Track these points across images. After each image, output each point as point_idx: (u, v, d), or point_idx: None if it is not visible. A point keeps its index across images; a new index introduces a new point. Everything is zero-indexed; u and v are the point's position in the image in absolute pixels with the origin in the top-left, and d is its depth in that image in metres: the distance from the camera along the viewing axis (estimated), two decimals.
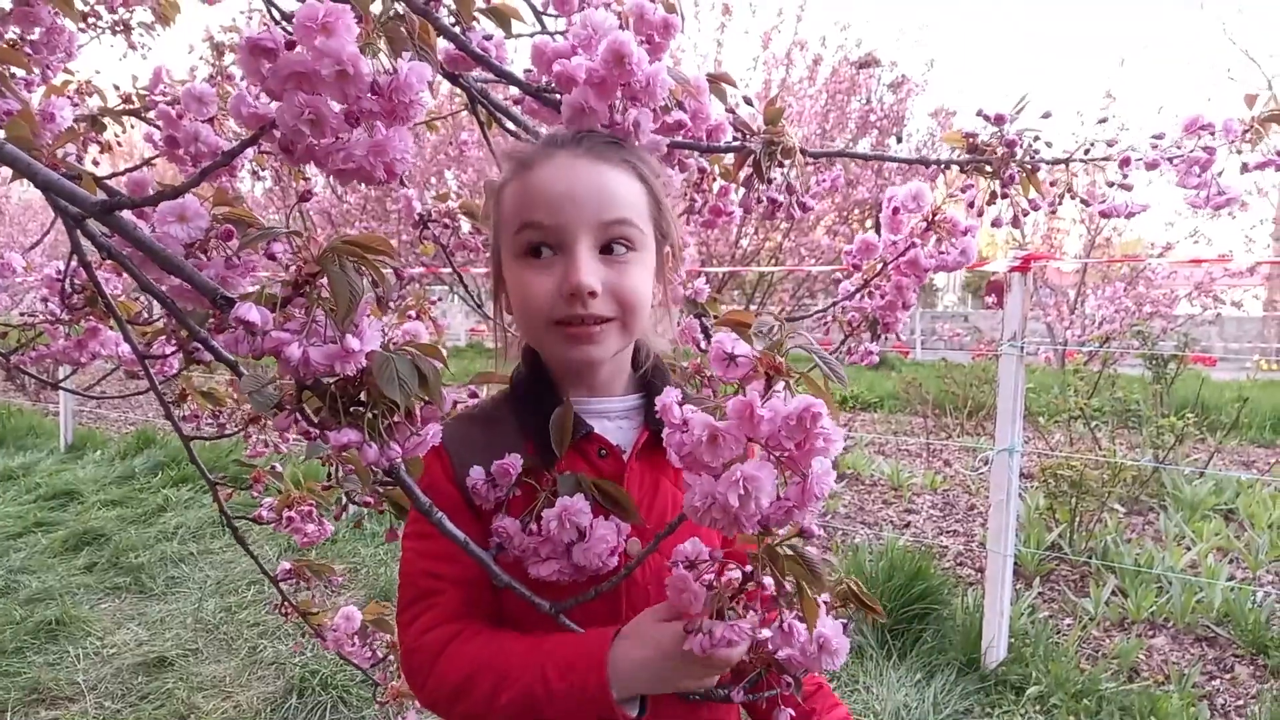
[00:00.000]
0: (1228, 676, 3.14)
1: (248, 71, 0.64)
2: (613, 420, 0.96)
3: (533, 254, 0.88)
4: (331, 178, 0.69)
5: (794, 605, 0.78)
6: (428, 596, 0.93)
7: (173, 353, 1.55)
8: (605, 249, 0.88)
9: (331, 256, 0.69)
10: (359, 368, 0.70)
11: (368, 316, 0.71)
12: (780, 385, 0.67)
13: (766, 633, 0.81)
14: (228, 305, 0.71)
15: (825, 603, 0.82)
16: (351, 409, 0.73)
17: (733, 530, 0.69)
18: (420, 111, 0.67)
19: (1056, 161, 1.19)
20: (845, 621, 0.83)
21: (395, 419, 0.74)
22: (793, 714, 0.88)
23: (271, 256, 0.74)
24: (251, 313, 0.68)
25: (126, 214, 0.76)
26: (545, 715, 0.83)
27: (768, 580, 0.78)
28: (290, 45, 0.63)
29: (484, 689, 0.85)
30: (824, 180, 1.04)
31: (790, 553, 0.75)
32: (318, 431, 0.73)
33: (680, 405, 0.70)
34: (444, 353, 0.78)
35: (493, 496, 0.90)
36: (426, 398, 0.75)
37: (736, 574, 0.79)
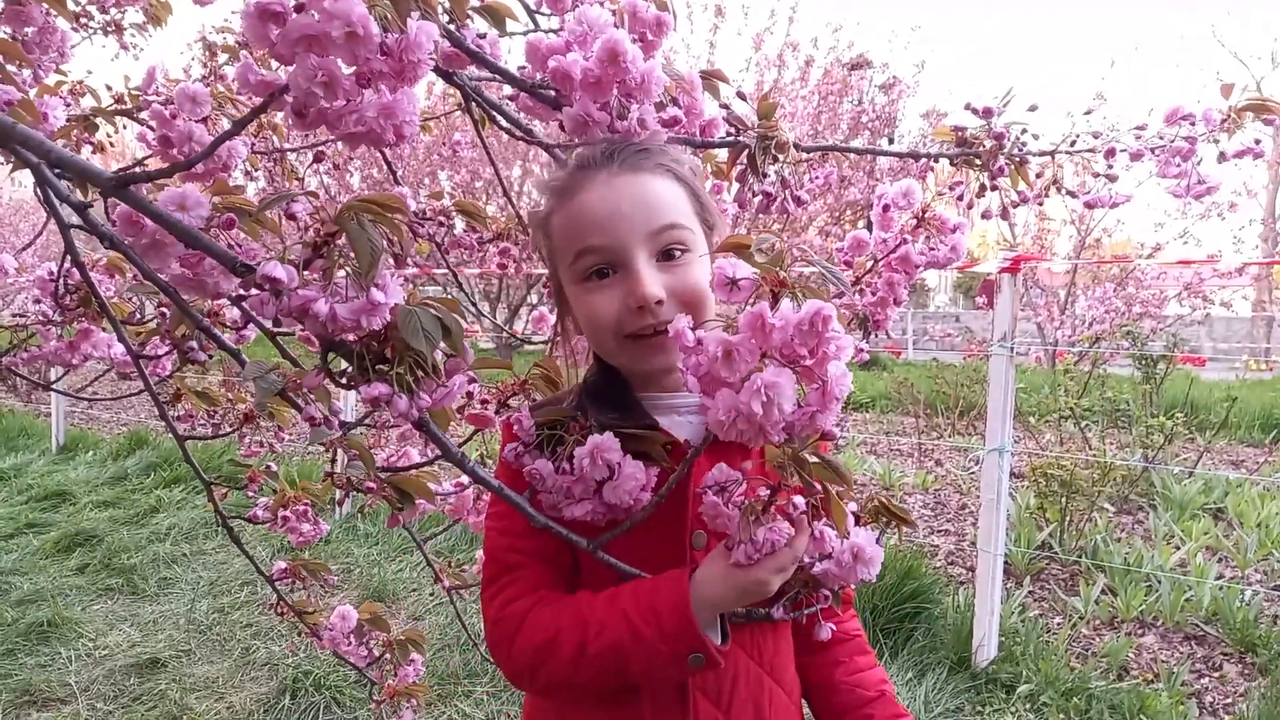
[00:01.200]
0: (1216, 675, 3.16)
1: (255, 37, 0.64)
2: (682, 415, 0.98)
3: (595, 276, 0.91)
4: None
5: (822, 513, 0.81)
6: (510, 570, 0.97)
7: (166, 353, 1.55)
8: (663, 255, 0.90)
9: (349, 215, 0.70)
10: (384, 321, 0.70)
11: (389, 271, 0.71)
12: (786, 297, 0.68)
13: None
14: (247, 271, 0.72)
15: (854, 514, 0.86)
16: (377, 367, 0.74)
17: (759, 441, 0.70)
18: (426, 71, 0.67)
19: (1044, 153, 1.21)
20: (879, 532, 0.87)
21: (420, 374, 0.75)
22: (834, 627, 0.92)
23: (291, 216, 0.75)
24: (277, 269, 0.68)
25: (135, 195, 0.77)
26: (633, 663, 0.86)
27: (797, 500, 0.81)
28: (299, 9, 0.64)
29: (570, 647, 0.88)
30: (817, 178, 1.05)
31: (816, 459, 0.77)
32: (331, 407, 0.73)
33: (692, 330, 0.71)
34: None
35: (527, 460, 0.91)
36: (450, 350, 0.76)
37: (764, 491, 0.82)
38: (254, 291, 0.70)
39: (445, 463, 1.39)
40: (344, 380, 0.75)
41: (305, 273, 0.71)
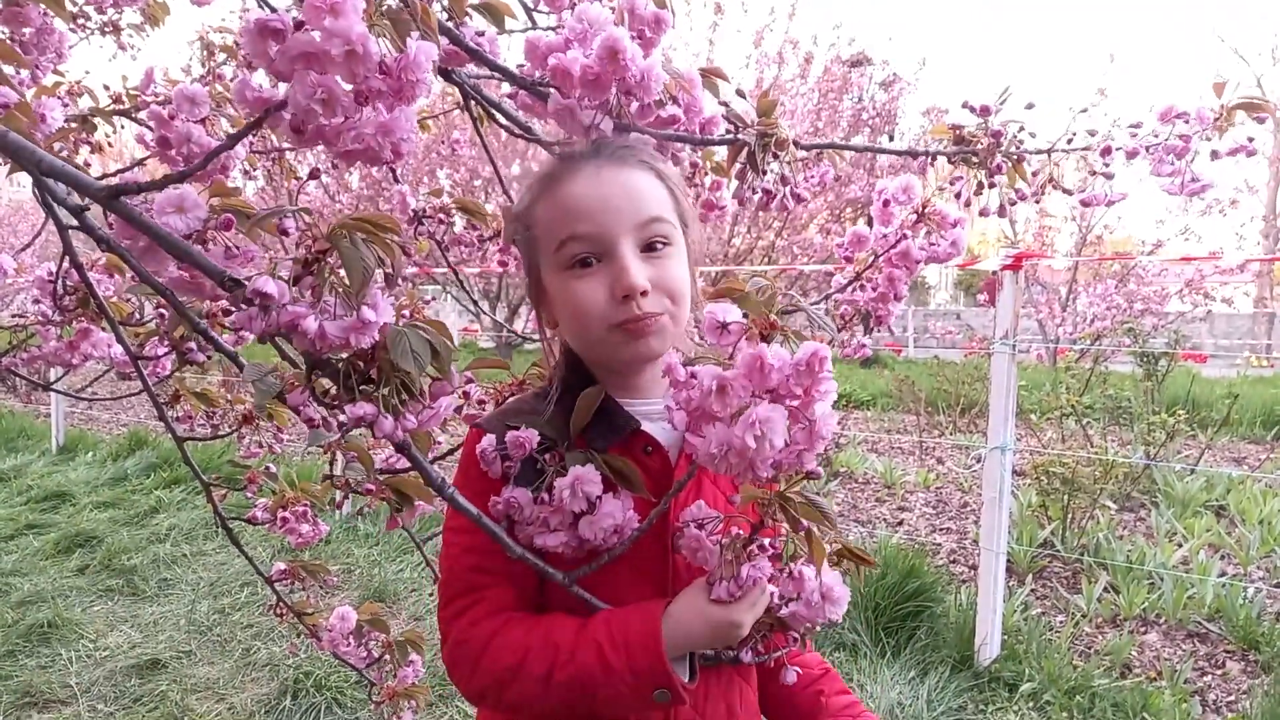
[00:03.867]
0: (1219, 672, 3.16)
1: (254, 53, 0.64)
2: (655, 421, 0.97)
3: (579, 265, 0.90)
4: (330, 166, 0.69)
5: (801, 554, 0.83)
6: (474, 591, 0.95)
7: (165, 354, 1.54)
8: (645, 248, 0.90)
9: (342, 233, 0.70)
10: (374, 340, 0.71)
11: (379, 290, 0.72)
12: (778, 339, 0.70)
13: (773, 589, 0.85)
14: (236, 286, 0.72)
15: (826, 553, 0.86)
16: (361, 387, 0.74)
17: (747, 475, 0.72)
18: (425, 90, 0.68)
19: (1041, 151, 1.21)
20: (844, 572, 0.88)
21: (407, 393, 0.75)
22: (799, 671, 0.93)
23: (284, 233, 0.75)
24: (269, 285, 0.68)
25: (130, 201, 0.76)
26: (599, 694, 0.85)
27: (767, 542, 0.82)
28: (299, 26, 0.64)
29: (538, 670, 0.87)
30: (812, 177, 1.04)
31: (802, 499, 0.79)
32: (325, 413, 0.74)
33: (684, 365, 0.73)
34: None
35: (499, 468, 0.91)
36: (438, 372, 0.76)
37: (741, 529, 0.83)
38: (243, 306, 0.70)
39: (446, 462, 1.39)
40: (329, 399, 0.75)
41: (295, 288, 0.71)
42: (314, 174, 1.14)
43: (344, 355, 0.73)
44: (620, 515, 0.87)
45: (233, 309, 0.73)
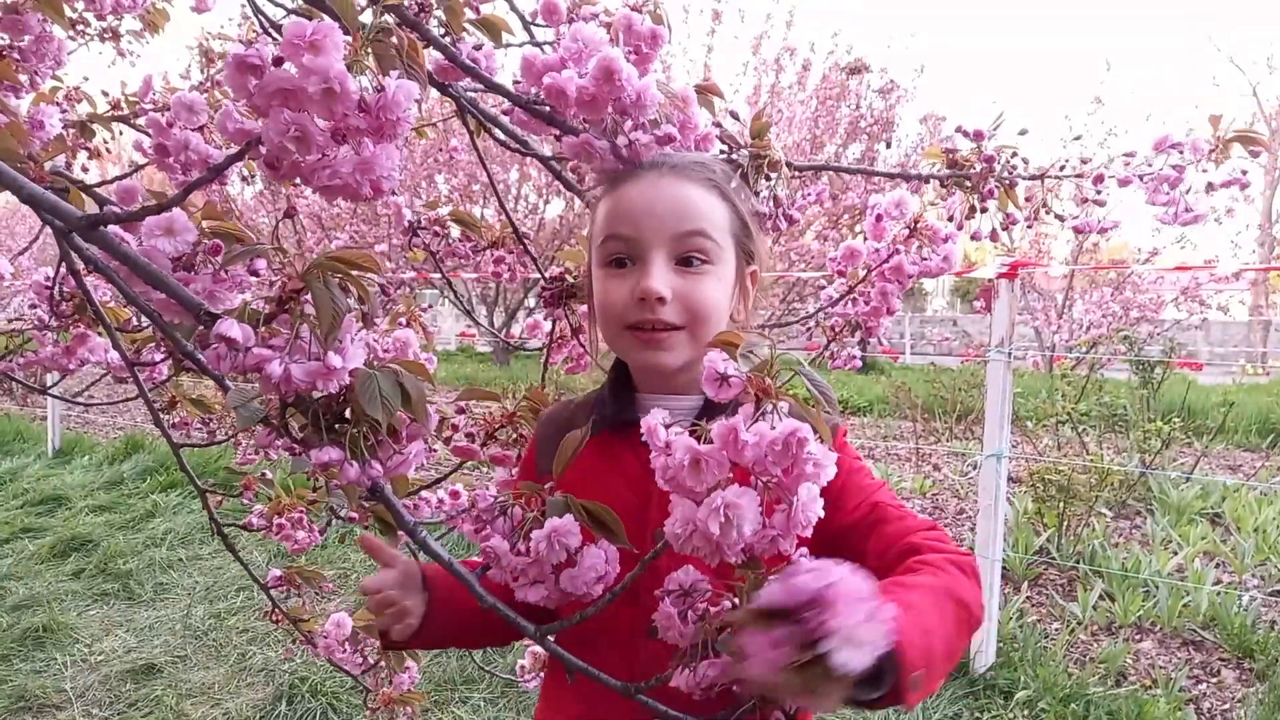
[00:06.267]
0: (1214, 680, 3.16)
1: (234, 88, 0.65)
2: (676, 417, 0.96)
3: (614, 264, 0.95)
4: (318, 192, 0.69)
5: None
6: None
7: (161, 360, 1.55)
8: (682, 261, 0.92)
9: (316, 273, 0.69)
10: (341, 385, 0.70)
11: (352, 333, 0.71)
12: (768, 408, 0.65)
13: None
14: (212, 321, 0.72)
15: None
16: (335, 426, 0.73)
17: (715, 559, 0.68)
18: (406, 128, 0.67)
19: (1033, 177, 1.22)
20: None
21: (379, 437, 0.74)
22: None
23: (254, 273, 0.75)
24: (233, 329, 0.68)
25: (112, 229, 0.76)
26: None
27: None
28: (277, 62, 0.63)
29: None
30: (809, 194, 1.05)
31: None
32: (300, 449, 0.73)
33: (666, 427, 0.69)
34: (433, 361, 0.78)
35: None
36: (411, 416, 0.75)
37: (728, 604, 0.77)
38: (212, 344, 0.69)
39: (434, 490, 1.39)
40: (298, 439, 0.74)
41: (272, 325, 0.71)
42: (290, 211, 1.14)
43: (316, 394, 0.72)
44: (603, 565, 0.81)
45: (203, 348, 0.72)
